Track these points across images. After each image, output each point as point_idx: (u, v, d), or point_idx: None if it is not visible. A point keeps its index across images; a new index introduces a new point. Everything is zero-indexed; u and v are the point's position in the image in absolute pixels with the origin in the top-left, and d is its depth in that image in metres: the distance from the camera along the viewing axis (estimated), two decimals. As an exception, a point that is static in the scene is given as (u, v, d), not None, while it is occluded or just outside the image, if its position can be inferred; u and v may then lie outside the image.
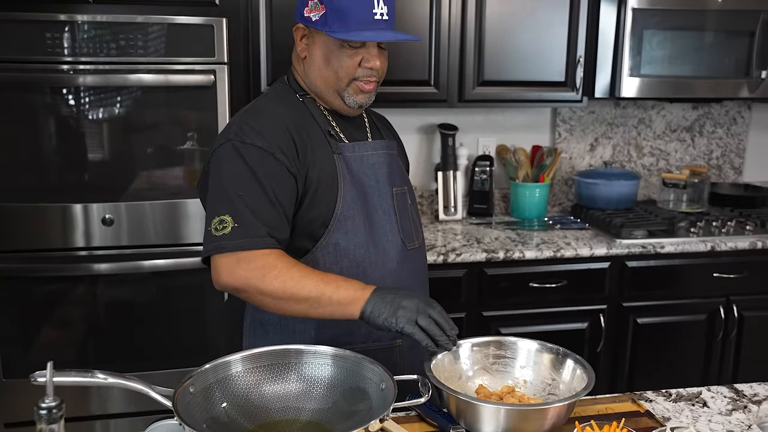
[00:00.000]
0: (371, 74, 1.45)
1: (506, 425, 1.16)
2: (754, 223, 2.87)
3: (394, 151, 1.60)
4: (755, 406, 1.43)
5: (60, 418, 0.83)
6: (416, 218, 1.61)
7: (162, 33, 2.19)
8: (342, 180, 1.45)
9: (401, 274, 1.49)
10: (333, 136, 1.48)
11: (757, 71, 2.86)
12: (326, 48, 1.44)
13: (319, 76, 1.48)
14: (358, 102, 1.48)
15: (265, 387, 1.13)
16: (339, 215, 1.43)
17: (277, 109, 1.47)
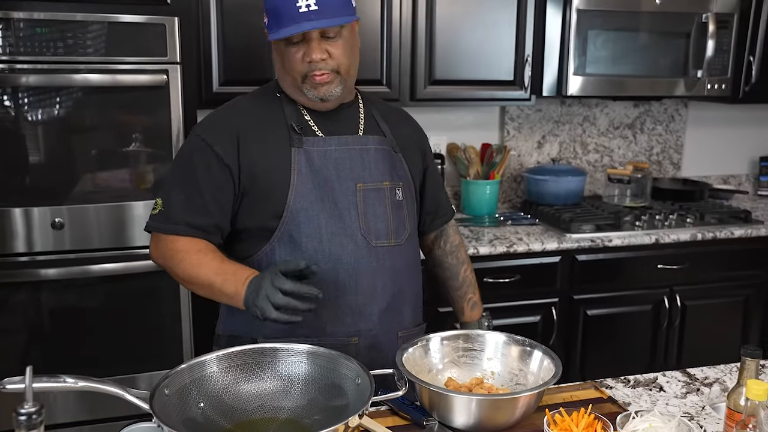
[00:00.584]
0: (316, 67, 1.43)
1: (479, 415, 1.19)
2: (694, 216, 2.99)
3: (382, 146, 1.56)
4: (707, 389, 1.51)
5: (40, 424, 0.82)
6: (404, 215, 1.57)
7: (112, 32, 2.14)
8: (295, 173, 1.46)
9: (360, 270, 1.47)
10: (297, 130, 1.48)
11: (693, 71, 2.98)
12: (279, 51, 1.49)
13: (281, 77, 1.53)
14: (318, 95, 1.47)
15: (242, 386, 1.13)
16: (291, 207, 1.45)
17: (243, 105, 1.54)
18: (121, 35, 2.16)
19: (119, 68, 2.17)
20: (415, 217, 1.64)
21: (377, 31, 2.67)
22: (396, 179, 1.57)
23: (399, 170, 1.59)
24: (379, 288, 1.49)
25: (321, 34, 1.42)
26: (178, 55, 2.21)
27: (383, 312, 1.50)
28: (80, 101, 2.19)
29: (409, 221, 1.59)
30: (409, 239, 1.58)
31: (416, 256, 1.63)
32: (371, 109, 1.63)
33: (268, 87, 1.60)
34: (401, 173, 1.59)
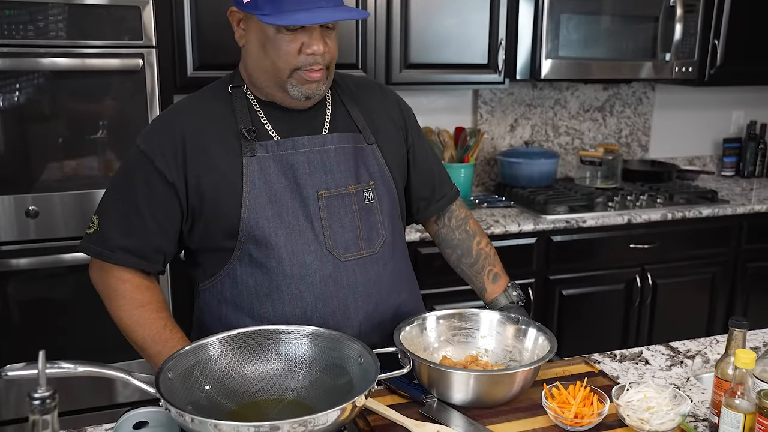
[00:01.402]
0: (315, 61, 1.25)
1: (478, 391, 1.21)
2: (664, 196, 3.06)
3: (345, 144, 1.37)
4: (690, 361, 1.55)
5: (54, 408, 0.80)
6: (376, 220, 1.39)
7: (84, 14, 2.09)
8: (247, 186, 1.28)
9: (329, 289, 1.32)
10: (248, 136, 1.29)
11: (662, 54, 3.04)
12: (261, 33, 1.26)
13: (257, 67, 1.30)
14: (305, 93, 1.29)
15: (245, 368, 1.12)
16: (245, 224, 1.28)
17: (189, 106, 1.36)
18: (94, 18, 2.11)
19: (92, 52, 2.12)
20: (396, 218, 1.45)
21: (352, 14, 2.65)
22: (365, 179, 1.38)
23: (370, 166, 1.40)
24: (351, 308, 1.34)
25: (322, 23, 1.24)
26: (153, 39, 2.17)
27: (358, 332, 1.33)
28: (55, 86, 2.14)
29: (385, 225, 1.40)
30: (385, 245, 1.39)
31: (399, 262, 1.45)
32: (339, 94, 1.42)
33: (219, 84, 1.39)
34: (373, 169, 1.40)
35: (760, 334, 1.70)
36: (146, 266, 1.33)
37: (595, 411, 1.17)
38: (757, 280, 3.18)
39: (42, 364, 0.81)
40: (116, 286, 1.32)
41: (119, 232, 1.30)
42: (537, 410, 1.23)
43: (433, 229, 1.64)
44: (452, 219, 1.60)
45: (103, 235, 1.31)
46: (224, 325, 1.32)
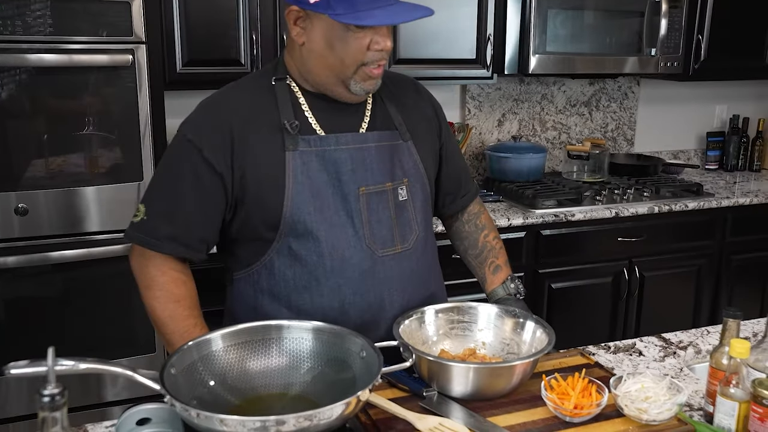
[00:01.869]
0: (382, 57, 1.28)
1: (478, 383, 1.22)
2: (650, 190, 3.09)
3: (383, 143, 1.40)
4: (682, 351, 1.58)
5: (63, 405, 0.80)
6: (410, 216, 1.42)
7: (74, 10, 2.07)
8: (290, 180, 1.30)
9: (367, 284, 1.35)
10: (291, 130, 1.31)
11: (647, 49, 3.07)
12: (329, 32, 1.26)
13: (321, 65, 1.30)
14: (365, 89, 1.31)
15: (248, 363, 1.13)
16: (287, 218, 1.31)
17: (234, 96, 1.36)
18: (84, 13, 2.09)
19: (80, 48, 2.10)
20: (428, 213, 1.49)
21: (342, 10, 2.65)
22: (399, 177, 1.40)
23: (405, 164, 1.42)
24: (386, 302, 1.38)
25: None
26: (144, 35, 2.15)
27: (390, 325, 1.35)
28: (42, 81, 2.12)
29: (418, 221, 1.43)
30: (418, 241, 1.43)
31: (429, 257, 1.49)
32: (379, 91, 1.40)
33: (263, 74, 1.40)
34: (407, 166, 1.42)
35: (749, 324, 1.73)
36: (191, 255, 1.35)
37: (594, 402, 1.19)
38: (742, 271, 3.22)
39: (51, 361, 0.81)
40: (155, 276, 1.34)
41: (166, 222, 1.32)
42: (536, 402, 1.24)
43: (448, 222, 1.68)
44: (465, 213, 1.64)
45: (150, 224, 1.32)
46: (260, 315, 1.34)
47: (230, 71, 2.57)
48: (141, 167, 2.24)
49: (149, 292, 1.35)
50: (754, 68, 3.42)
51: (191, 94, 2.79)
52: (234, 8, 2.52)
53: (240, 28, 2.54)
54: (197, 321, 1.34)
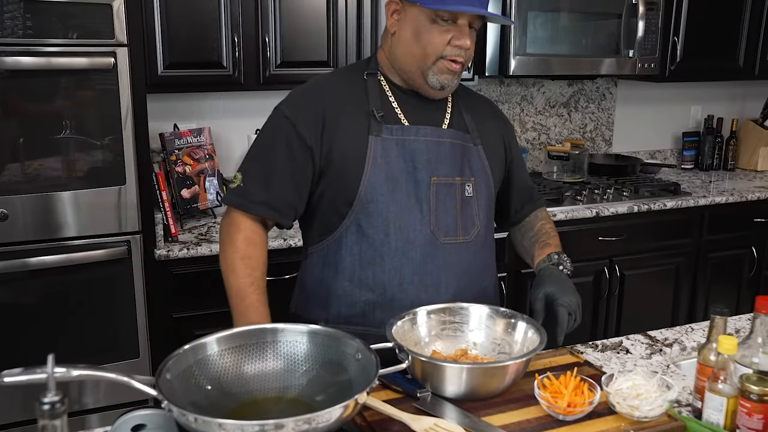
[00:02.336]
0: (459, 53, 1.40)
1: (471, 384, 1.23)
2: (629, 189, 3.13)
3: (457, 141, 1.51)
4: (668, 348, 1.60)
5: (63, 413, 0.79)
6: (473, 212, 1.51)
7: (55, 12, 2.04)
8: (370, 161, 1.42)
9: (427, 266, 1.45)
10: (378, 117, 1.44)
11: (625, 50, 3.11)
12: (417, 23, 1.40)
13: (406, 53, 1.44)
14: (441, 82, 1.43)
15: (244, 367, 1.12)
16: (362, 196, 1.42)
17: (329, 83, 1.51)
18: (64, 15, 2.06)
19: (60, 51, 2.07)
20: (491, 214, 1.59)
21: (323, 14, 2.65)
22: (468, 174, 1.51)
23: (474, 164, 1.53)
24: (443, 285, 1.46)
25: (470, 23, 1.40)
26: (126, 37, 2.13)
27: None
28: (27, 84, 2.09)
29: (480, 217, 1.53)
30: (479, 236, 1.52)
31: (487, 253, 1.58)
32: (458, 100, 1.56)
33: (356, 66, 1.56)
34: (476, 167, 1.53)
35: (730, 321, 1.76)
36: (281, 219, 1.47)
37: (587, 399, 1.20)
38: (718, 269, 3.28)
39: (51, 368, 0.80)
40: (231, 233, 1.47)
41: (260, 188, 1.45)
42: (529, 401, 1.26)
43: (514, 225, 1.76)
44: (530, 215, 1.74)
45: (246, 190, 1.46)
46: (324, 287, 1.49)
47: (212, 74, 2.56)
48: (123, 170, 2.22)
49: (223, 246, 1.48)
50: (728, 69, 3.48)
51: (173, 96, 2.79)
52: (215, 11, 2.51)
53: (221, 31, 2.53)
54: (254, 280, 1.44)
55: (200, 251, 2.37)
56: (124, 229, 2.26)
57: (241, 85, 2.61)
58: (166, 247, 2.36)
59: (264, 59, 2.60)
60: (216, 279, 2.38)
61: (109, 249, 2.25)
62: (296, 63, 2.65)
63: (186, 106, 2.85)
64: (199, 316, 2.40)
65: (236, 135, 2.93)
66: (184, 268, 2.39)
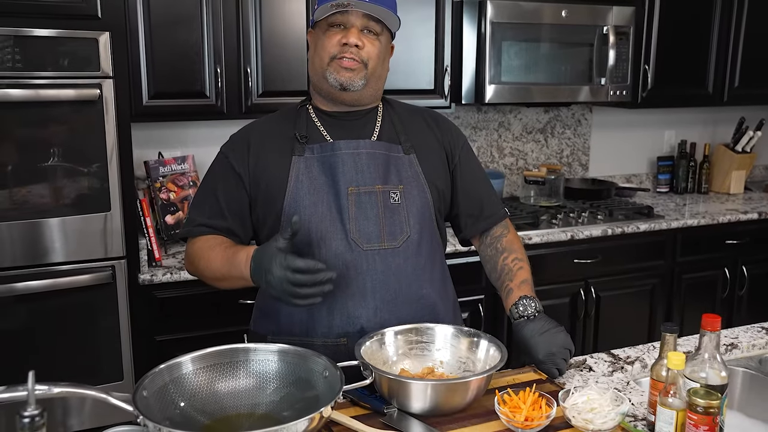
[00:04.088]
0: (347, 50, 1.50)
1: (435, 399, 1.29)
2: (604, 213, 3.22)
3: (385, 152, 1.57)
4: (630, 366, 1.67)
5: (42, 426, 0.85)
6: (402, 219, 1.55)
7: (43, 46, 2.13)
8: (292, 179, 1.53)
9: (350, 272, 1.50)
10: (300, 140, 1.55)
11: (597, 78, 3.22)
12: (316, 38, 1.56)
13: (312, 67, 1.58)
14: (339, 80, 1.51)
15: (217, 385, 1.18)
16: (286, 211, 1.52)
17: (261, 120, 1.67)
18: (52, 49, 2.14)
19: (47, 83, 2.15)
20: (426, 220, 1.59)
21: (303, 45, 2.74)
22: (394, 182, 1.56)
23: (403, 173, 1.58)
24: (368, 291, 1.50)
25: (363, 27, 1.51)
26: (111, 69, 2.21)
27: (373, 315, 1.50)
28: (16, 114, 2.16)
29: (410, 224, 1.56)
30: (410, 242, 1.55)
31: (423, 260, 1.58)
32: (391, 114, 1.64)
33: (292, 105, 1.67)
34: (406, 175, 1.58)
35: (692, 339, 1.83)
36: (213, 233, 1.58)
37: (544, 414, 1.27)
38: (693, 290, 3.36)
39: (31, 385, 0.86)
40: (194, 251, 1.58)
41: (199, 214, 1.59)
42: (490, 416, 1.32)
43: (476, 246, 1.78)
44: (488, 236, 1.73)
45: (189, 219, 1.61)
46: (269, 302, 1.58)
47: (195, 103, 2.64)
48: (108, 198, 2.28)
49: (196, 266, 1.57)
50: (698, 96, 3.60)
51: (158, 125, 2.86)
52: (199, 43, 2.59)
53: (205, 62, 2.61)
54: (228, 245, 1.52)
55: (183, 276, 2.43)
56: (109, 255, 2.32)
57: (224, 114, 2.69)
58: (150, 272, 2.42)
59: (246, 89, 2.69)
60: (198, 302, 2.47)
61: (94, 274, 2.31)
62: (277, 92, 2.74)
63: (171, 135, 2.93)
64: (183, 339, 2.45)
65: (220, 162, 3.01)
66: (167, 292, 2.45)
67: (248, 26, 2.66)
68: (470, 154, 1.73)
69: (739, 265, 3.43)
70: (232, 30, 2.63)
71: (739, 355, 1.79)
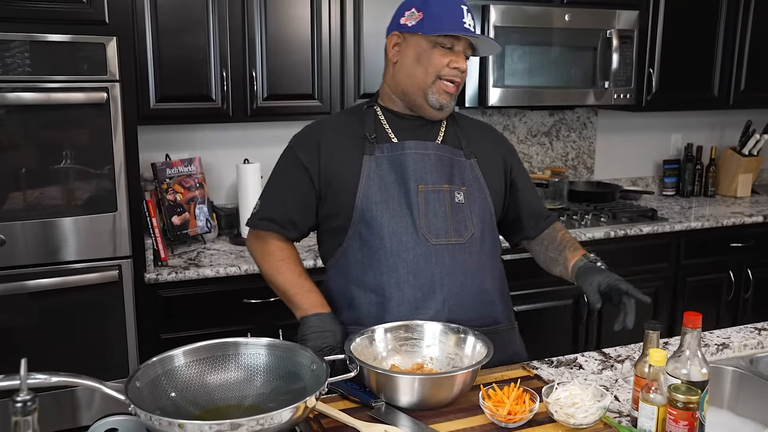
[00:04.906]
0: (456, 75, 1.59)
1: (422, 393, 1.33)
2: (607, 215, 3.24)
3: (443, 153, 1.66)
4: (620, 365, 1.69)
5: (34, 411, 0.90)
6: (466, 217, 1.64)
7: (53, 52, 2.19)
8: (364, 177, 1.61)
9: (419, 265, 1.58)
10: (371, 140, 1.64)
11: (601, 82, 3.24)
12: (419, 49, 1.60)
13: (408, 75, 1.62)
14: (440, 101, 1.60)
15: (208, 377, 1.23)
16: (359, 207, 1.60)
17: (329, 118, 1.81)
18: (61, 54, 2.21)
19: (58, 86, 2.21)
20: (487, 220, 1.69)
21: (308, 49, 2.80)
22: (458, 183, 1.66)
23: (465, 175, 1.68)
24: (437, 283, 1.59)
25: (464, 51, 1.60)
26: (117, 73, 2.27)
27: (442, 306, 1.59)
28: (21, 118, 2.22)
29: (474, 222, 1.65)
30: (473, 239, 1.65)
31: (486, 257, 1.67)
32: (454, 124, 1.74)
33: (357, 105, 1.77)
34: (468, 178, 1.68)
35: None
36: (282, 233, 1.69)
37: (527, 408, 1.30)
38: (697, 293, 3.36)
39: (24, 371, 0.91)
40: (264, 247, 1.71)
41: (266, 207, 1.70)
42: (476, 410, 1.35)
43: (528, 245, 1.90)
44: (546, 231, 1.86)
45: (258, 212, 1.71)
46: (340, 294, 1.67)
47: (202, 106, 2.70)
48: (115, 199, 2.34)
49: (261, 259, 1.72)
50: (703, 100, 3.61)
51: (165, 128, 2.93)
52: (205, 47, 2.65)
53: (211, 66, 2.67)
54: (301, 272, 1.68)
55: (188, 275, 2.48)
56: (116, 254, 2.38)
57: (230, 117, 2.74)
58: (156, 271, 2.47)
59: (251, 92, 2.74)
60: (203, 301, 2.52)
61: (102, 272, 2.37)
62: (282, 96, 2.79)
63: (177, 137, 2.99)
64: (187, 337, 2.47)
65: (226, 164, 3.07)
66: (172, 291, 2.50)
67: (253, 31, 2.71)
68: (521, 163, 1.86)
69: (744, 269, 3.43)
70: (237, 35, 2.69)
71: (731, 354, 1.81)
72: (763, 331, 1.90)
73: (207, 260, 2.62)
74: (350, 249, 1.64)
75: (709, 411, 1.69)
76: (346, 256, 1.65)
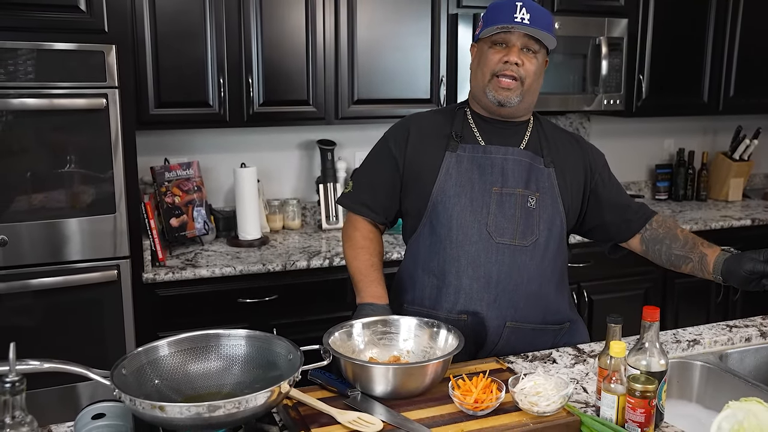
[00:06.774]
0: (508, 68, 1.65)
1: (395, 383, 1.40)
2: (597, 218, 3.30)
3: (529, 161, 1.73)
4: (592, 359, 1.76)
5: (22, 391, 0.98)
6: (534, 222, 1.71)
7: (54, 59, 2.28)
8: (443, 171, 1.73)
9: (480, 259, 1.69)
10: (456, 138, 1.75)
11: (591, 88, 3.31)
12: (480, 52, 1.73)
13: (474, 78, 1.76)
14: (497, 98, 1.68)
15: (190, 366, 1.31)
16: (434, 197, 1.73)
17: (422, 114, 1.88)
18: (62, 62, 2.30)
19: (59, 93, 2.31)
20: (555, 228, 1.74)
21: (303, 56, 2.88)
22: (532, 188, 1.73)
23: (541, 182, 1.74)
24: (493, 279, 1.69)
25: (523, 46, 1.66)
26: (116, 80, 2.36)
27: (494, 300, 1.70)
28: (24, 124, 2.31)
29: (540, 228, 1.72)
30: (538, 244, 1.71)
31: (547, 263, 1.74)
32: (539, 129, 1.81)
33: (451, 105, 1.90)
34: (543, 185, 1.74)
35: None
36: (374, 217, 1.83)
37: (494, 397, 1.37)
38: (686, 295, 3.42)
39: (12, 354, 0.99)
40: (351, 232, 1.85)
41: (360, 191, 1.84)
42: (446, 400, 1.42)
43: (637, 240, 1.86)
44: (653, 223, 1.84)
45: (350, 193, 1.86)
46: (408, 275, 1.82)
47: (199, 112, 2.79)
48: (114, 201, 2.43)
49: (345, 243, 1.85)
50: (693, 105, 3.67)
51: (164, 132, 3.02)
52: (203, 54, 2.74)
53: (208, 73, 2.76)
54: (374, 263, 1.78)
55: (185, 275, 2.56)
56: (116, 254, 2.47)
57: (227, 122, 2.83)
58: (153, 271, 2.56)
59: (248, 98, 2.83)
60: (199, 301, 2.60)
61: (101, 272, 2.46)
62: (278, 102, 2.88)
63: (176, 142, 3.08)
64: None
65: (223, 168, 3.15)
66: (169, 290, 2.58)
67: (250, 39, 2.80)
68: (610, 171, 1.89)
69: (734, 271, 3.47)
70: (234, 42, 2.78)
71: (701, 350, 1.87)
72: (734, 328, 1.97)
73: (204, 261, 2.70)
74: (421, 235, 1.76)
75: (679, 404, 1.77)
76: (418, 241, 1.78)
